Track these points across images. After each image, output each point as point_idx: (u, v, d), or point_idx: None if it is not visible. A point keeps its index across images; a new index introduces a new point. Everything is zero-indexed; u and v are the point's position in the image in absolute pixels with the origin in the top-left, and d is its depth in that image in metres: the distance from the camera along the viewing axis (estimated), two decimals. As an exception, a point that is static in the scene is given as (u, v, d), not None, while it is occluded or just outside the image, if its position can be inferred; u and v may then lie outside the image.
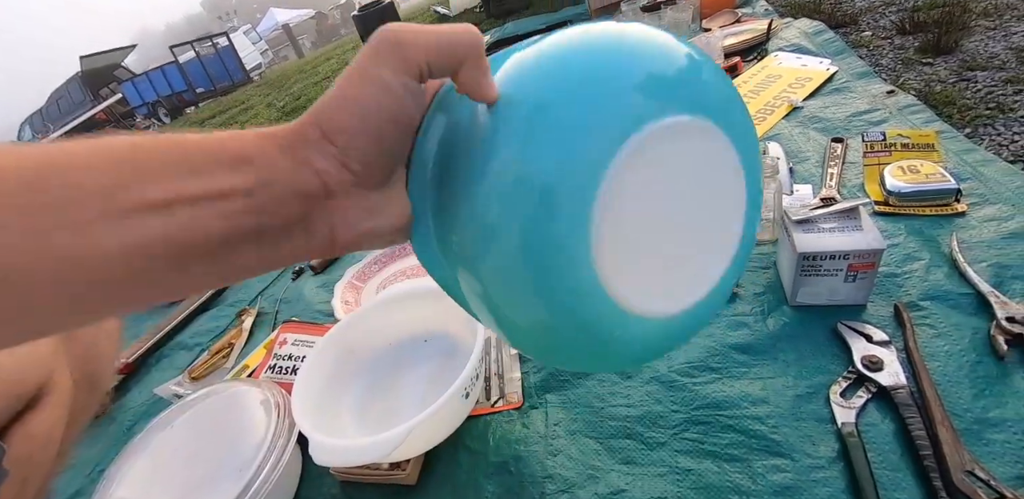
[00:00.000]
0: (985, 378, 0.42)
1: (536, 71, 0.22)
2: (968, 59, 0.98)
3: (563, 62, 0.22)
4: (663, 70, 0.23)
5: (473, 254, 0.23)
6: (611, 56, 0.23)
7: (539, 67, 0.22)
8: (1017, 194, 0.57)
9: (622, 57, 0.23)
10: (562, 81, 0.22)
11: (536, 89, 0.22)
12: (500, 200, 0.21)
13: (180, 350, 0.88)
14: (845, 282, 0.48)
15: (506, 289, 0.23)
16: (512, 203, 0.21)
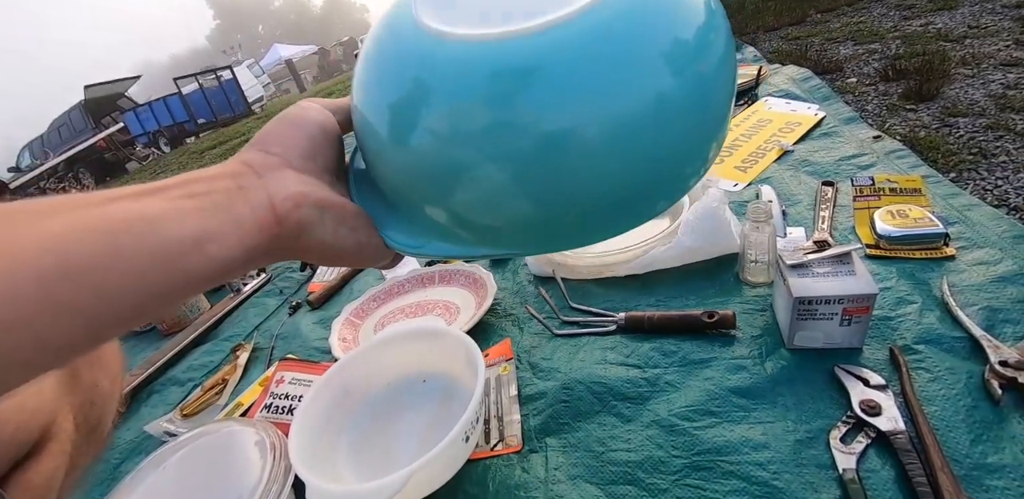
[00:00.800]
0: (982, 423, 0.42)
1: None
2: (949, 106, 1.03)
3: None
4: None
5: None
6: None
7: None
8: (1003, 238, 0.59)
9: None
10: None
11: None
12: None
13: (172, 385, 0.86)
14: (840, 326, 0.49)
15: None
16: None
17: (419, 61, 0.23)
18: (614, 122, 0.21)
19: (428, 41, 0.23)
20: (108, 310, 0.19)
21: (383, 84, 0.25)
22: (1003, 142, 0.86)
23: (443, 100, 0.22)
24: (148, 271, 0.19)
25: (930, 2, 1.72)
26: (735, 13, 2.32)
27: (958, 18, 1.52)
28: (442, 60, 0.22)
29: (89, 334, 0.19)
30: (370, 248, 0.27)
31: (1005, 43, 1.25)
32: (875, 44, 1.51)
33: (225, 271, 0.22)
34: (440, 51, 0.22)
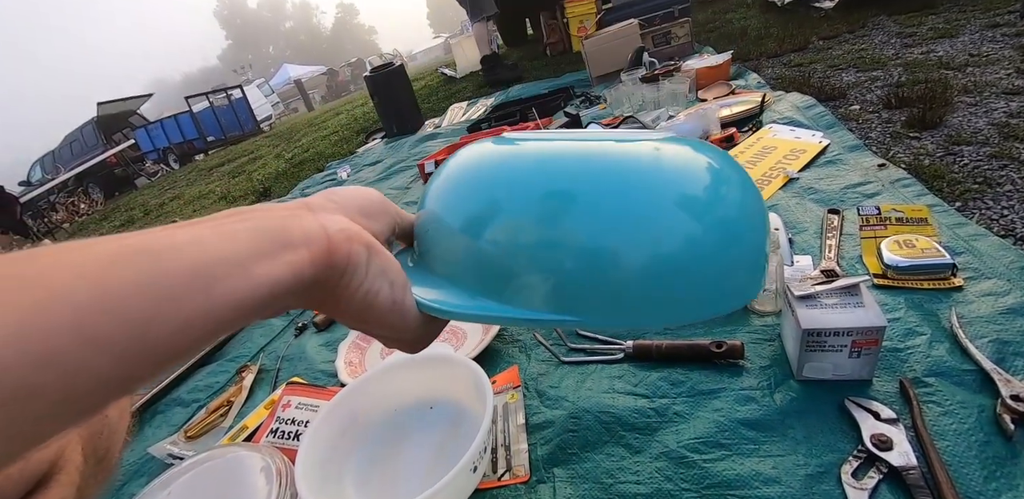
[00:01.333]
0: (995, 459, 0.41)
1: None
2: (953, 134, 1.04)
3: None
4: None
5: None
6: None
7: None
8: (1011, 269, 0.59)
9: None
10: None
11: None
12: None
13: (176, 406, 0.86)
14: (850, 358, 0.49)
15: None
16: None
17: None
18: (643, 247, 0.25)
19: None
20: (143, 345, 0.17)
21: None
22: (1008, 171, 0.87)
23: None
24: (187, 295, 0.18)
25: (931, 30, 1.75)
26: (738, 39, 2.37)
27: (959, 46, 1.54)
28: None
29: (121, 374, 0.17)
30: (402, 309, 0.26)
31: (1007, 71, 1.27)
32: (877, 71, 1.53)
33: (270, 298, 0.20)
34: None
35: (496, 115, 2.02)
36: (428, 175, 1.56)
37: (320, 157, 3.05)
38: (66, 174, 9.82)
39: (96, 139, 10.93)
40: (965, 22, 1.73)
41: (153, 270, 0.17)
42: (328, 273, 0.22)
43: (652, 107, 1.45)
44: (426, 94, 3.62)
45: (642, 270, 0.24)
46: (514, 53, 3.97)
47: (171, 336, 0.18)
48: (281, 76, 23.68)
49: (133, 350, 0.17)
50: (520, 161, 0.29)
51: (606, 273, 0.24)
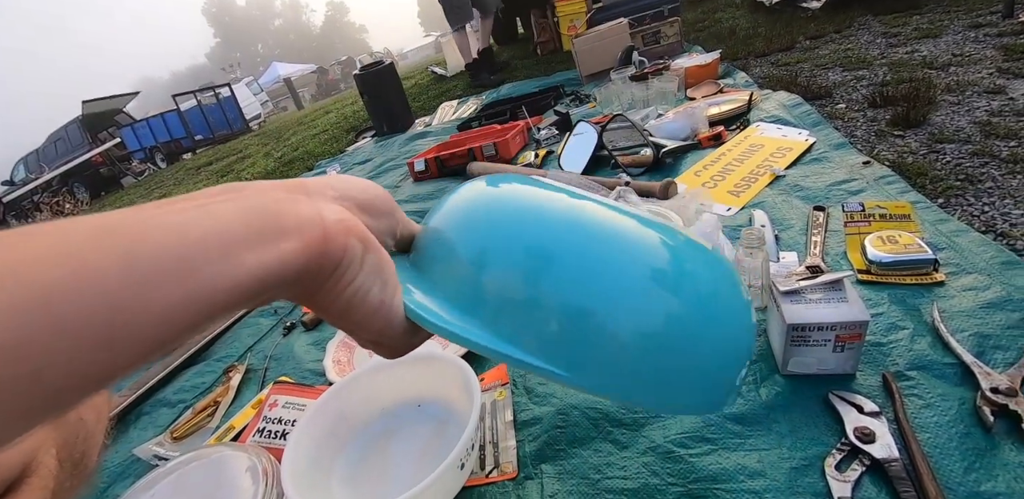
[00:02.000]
0: (975, 450, 0.42)
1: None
2: (936, 132, 1.05)
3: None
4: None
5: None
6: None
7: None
8: (991, 264, 0.60)
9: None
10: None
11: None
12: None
13: (162, 407, 0.85)
14: (834, 352, 0.49)
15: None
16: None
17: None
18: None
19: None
20: (117, 333, 0.16)
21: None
22: (989, 168, 0.88)
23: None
24: (167, 282, 0.16)
25: (915, 30, 1.77)
26: (726, 38, 2.38)
27: (942, 46, 1.57)
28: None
29: (94, 366, 0.16)
30: (388, 312, 0.25)
31: (988, 71, 1.28)
32: (863, 71, 1.55)
33: (258, 288, 0.19)
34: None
35: (486, 114, 2.02)
36: (418, 173, 1.55)
37: (310, 156, 3.03)
38: (50, 173, 9.67)
39: (81, 138, 10.77)
40: (948, 22, 1.76)
41: (130, 253, 0.16)
42: (320, 264, 0.21)
43: (641, 105, 1.45)
44: (416, 93, 3.60)
45: (628, 338, 0.24)
46: (505, 52, 3.96)
47: (148, 326, 0.16)
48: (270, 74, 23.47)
49: (106, 338, 0.15)
50: (507, 213, 0.29)
51: (589, 336, 0.24)
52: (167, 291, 0.16)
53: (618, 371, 0.25)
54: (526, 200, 0.30)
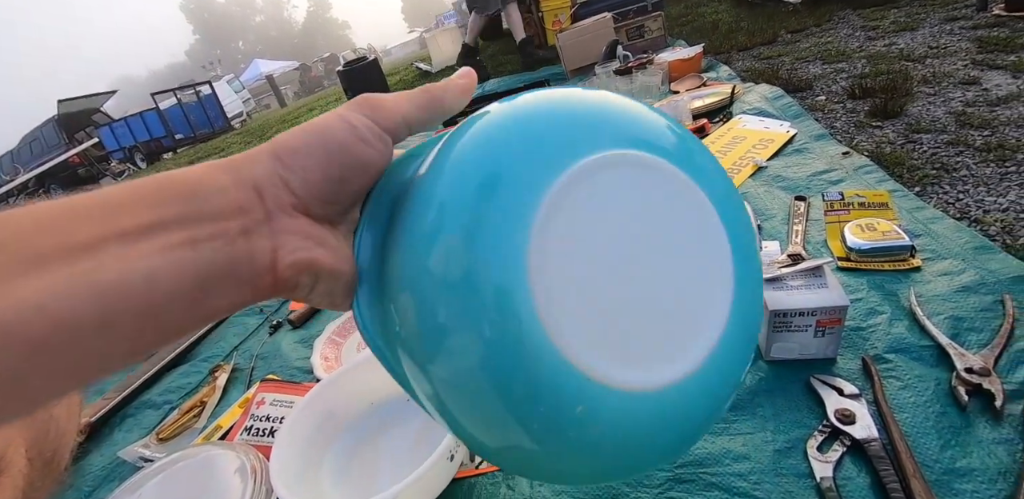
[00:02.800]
0: (950, 428, 0.43)
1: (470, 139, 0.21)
2: (913, 122, 1.07)
3: (500, 130, 0.21)
4: (626, 125, 0.22)
5: (416, 346, 0.20)
6: (553, 119, 0.22)
7: (475, 134, 0.22)
8: (965, 249, 0.62)
9: (569, 117, 0.22)
10: (497, 148, 0.21)
11: (468, 159, 0.21)
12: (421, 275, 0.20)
13: (147, 409, 0.84)
14: (815, 337, 0.50)
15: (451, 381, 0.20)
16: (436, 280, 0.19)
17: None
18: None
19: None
20: (79, 373, 0.17)
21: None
22: (963, 157, 0.90)
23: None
24: (135, 334, 0.17)
25: (893, 23, 1.80)
26: (709, 32, 2.40)
27: (919, 39, 1.59)
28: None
29: (54, 393, 0.17)
30: (337, 307, 0.24)
31: (963, 62, 1.31)
32: (842, 63, 1.57)
33: (205, 323, 0.20)
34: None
35: (472, 109, 2.01)
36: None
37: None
38: (26, 175, 9.46)
39: (57, 138, 10.53)
40: (925, 16, 1.79)
41: (103, 315, 0.16)
42: (266, 297, 0.21)
43: (625, 99, 1.45)
44: (401, 89, 3.56)
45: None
46: (489, 47, 3.95)
47: (108, 359, 0.17)
48: (252, 72, 23.14)
49: (77, 376, 0.16)
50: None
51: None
52: (131, 341, 0.17)
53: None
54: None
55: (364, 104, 0.22)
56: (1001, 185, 0.80)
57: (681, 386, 0.21)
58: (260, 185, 0.20)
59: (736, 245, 0.23)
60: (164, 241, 0.17)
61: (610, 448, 0.21)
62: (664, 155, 0.22)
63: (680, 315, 0.22)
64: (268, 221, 0.20)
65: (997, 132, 0.95)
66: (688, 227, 0.22)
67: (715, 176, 0.24)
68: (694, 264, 0.22)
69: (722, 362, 0.22)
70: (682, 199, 0.22)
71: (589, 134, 0.21)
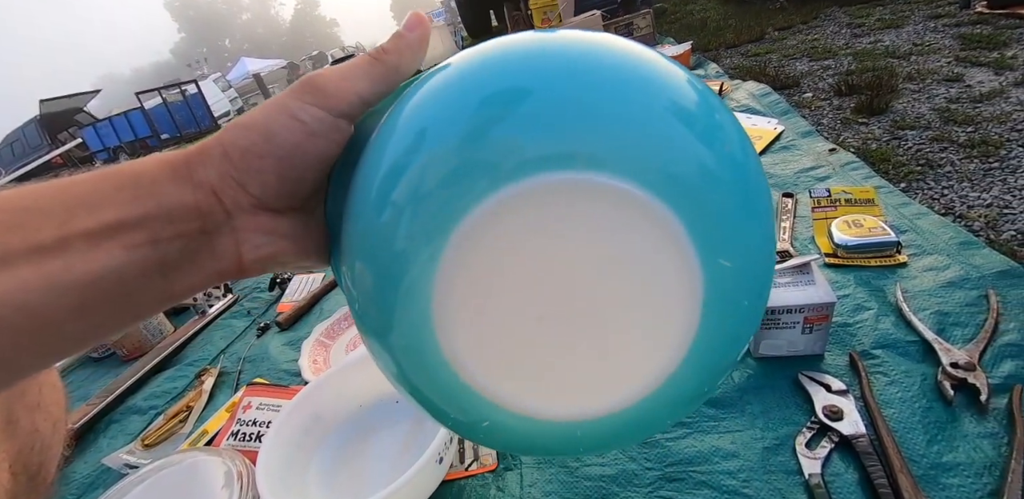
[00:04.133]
0: (936, 423, 0.44)
1: (420, 98, 0.20)
2: (898, 119, 1.08)
3: (452, 86, 0.19)
4: (591, 103, 0.17)
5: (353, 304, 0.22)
6: (519, 76, 0.18)
7: (426, 92, 0.20)
8: (950, 245, 0.62)
9: (538, 79, 0.18)
10: (437, 111, 0.19)
11: (410, 123, 0.19)
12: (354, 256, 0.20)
13: (132, 414, 0.82)
14: (802, 334, 0.51)
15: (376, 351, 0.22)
16: (364, 264, 0.20)
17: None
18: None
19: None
20: (48, 353, 0.18)
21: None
22: (947, 153, 0.91)
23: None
24: (106, 321, 0.18)
25: (878, 21, 1.82)
26: (698, 30, 2.41)
27: (904, 36, 1.61)
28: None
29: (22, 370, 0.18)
30: (313, 270, 0.25)
31: (947, 59, 1.32)
32: (829, 60, 1.58)
33: (181, 298, 0.21)
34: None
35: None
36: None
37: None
38: (7, 177, 9.30)
39: (40, 139, 10.36)
40: (910, 13, 1.80)
41: (80, 308, 0.18)
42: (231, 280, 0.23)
43: (614, 97, 1.45)
44: (389, 88, 3.55)
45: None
46: (477, 45, 3.93)
47: (78, 343, 0.19)
48: (239, 70, 22.87)
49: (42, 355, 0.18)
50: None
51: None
52: (101, 327, 0.19)
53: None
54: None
55: (309, 89, 0.20)
56: (984, 181, 0.81)
57: (601, 421, 0.21)
58: (217, 188, 0.20)
59: (715, 290, 0.19)
60: (128, 240, 0.18)
61: (527, 450, 0.23)
62: (652, 185, 0.17)
63: (616, 356, 0.20)
64: (229, 220, 0.20)
65: (980, 128, 0.96)
66: (648, 271, 0.19)
67: (722, 204, 0.19)
68: (644, 308, 0.19)
69: (661, 403, 0.21)
70: (649, 241, 0.18)
71: (559, 134, 0.17)
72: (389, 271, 0.19)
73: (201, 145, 0.20)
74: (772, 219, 0.22)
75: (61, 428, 0.43)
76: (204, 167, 0.20)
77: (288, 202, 0.21)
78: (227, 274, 0.21)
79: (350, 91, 0.21)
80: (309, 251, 0.23)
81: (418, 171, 0.18)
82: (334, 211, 0.22)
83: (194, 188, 0.19)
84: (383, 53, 0.22)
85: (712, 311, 0.19)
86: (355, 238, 0.20)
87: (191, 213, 0.19)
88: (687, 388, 0.21)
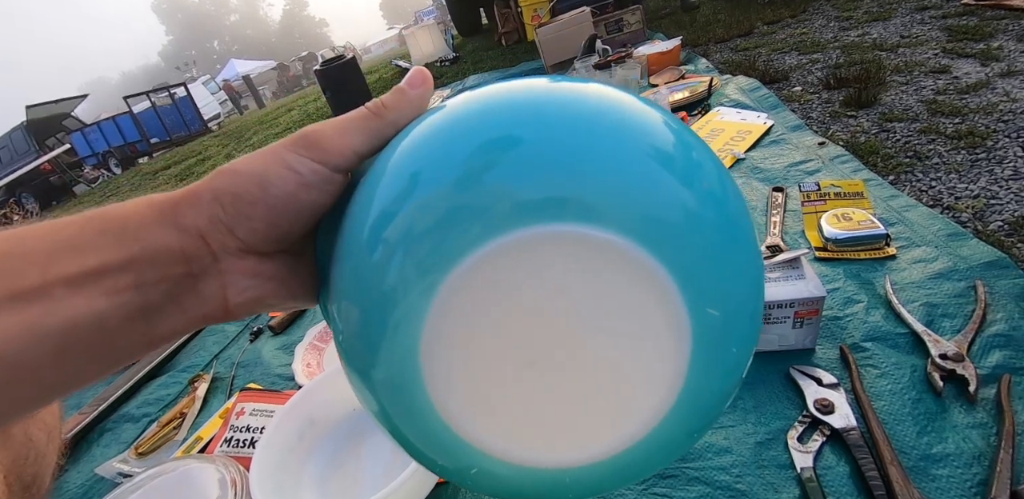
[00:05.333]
0: (926, 415, 0.44)
1: (413, 145, 0.20)
2: (887, 111, 1.08)
3: (444, 133, 0.20)
4: (581, 156, 0.18)
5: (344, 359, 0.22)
6: (510, 127, 0.19)
7: (419, 139, 0.20)
8: (939, 237, 0.63)
9: (530, 130, 0.18)
10: (425, 163, 0.19)
11: (398, 174, 0.19)
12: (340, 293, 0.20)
13: (125, 422, 0.82)
14: (793, 328, 0.51)
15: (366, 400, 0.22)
16: (347, 307, 0.20)
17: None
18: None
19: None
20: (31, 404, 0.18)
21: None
22: (935, 145, 0.92)
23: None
24: (86, 367, 0.18)
25: (866, 14, 1.82)
26: (687, 25, 2.41)
27: (891, 29, 1.61)
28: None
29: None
30: (302, 307, 0.24)
31: (934, 51, 1.33)
32: (817, 54, 1.58)
33: (164, 343, 0.20)
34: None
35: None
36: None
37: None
38: (-3, 184, 9.20)
39: (27, 145, 10.24)
40: (897, 6, 1.81)
41: (58, 357, 0.17)
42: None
43: (603, 94, 1.45)
44: (381, 87, 3.55)
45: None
46: (469, 43, 3.92)
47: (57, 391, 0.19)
48: (228, 72, 22.71)
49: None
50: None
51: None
52: (82, 375, 0.19)
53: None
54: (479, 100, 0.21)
55: (306, 143, 0.21)
56: (972, 172, 0.81)
57: (589, 468, 0.21)
58: (204, 232, 0.20)
59: (703, 339, 0.19)
60: (110, 285, 0.18)
61: (510, 495, 0.23)
62: (638, 234, 0.18)
63: (604, 405, 0.20)
64: (215, 263, 0.20)
65: (967, 120, 0.96)
66: (636, 321, 0.19)
67: (710, 249, 0.19)
68: (632, 357, 0.19)
69: (650, 450, 0.21)
70: (637, 292, 0.18)
71: (549, 181, 0.18)
72: (378, 309, 0.19)
73: (190, 189, 0.20)
74: (759, 258, 0.22)
75: (55, 437, 0.43)
76: (193, 210, 0.20)
77: (275, 246, 0.21)
78: (212, 317, 0.21)
79: (347, 146, 0.21)
80: (296, 292, 0.22)
81: (413, 211, 0.18)
82: (324, 251, 0.22)
83: (180, 232, 0.19)
84: (383, 108, 0.22)
85: (700, 359, 0.19)
86: (345, 276, 0.20)
87: (176, 257, 0.19)
88: (675, 434, 0.21)
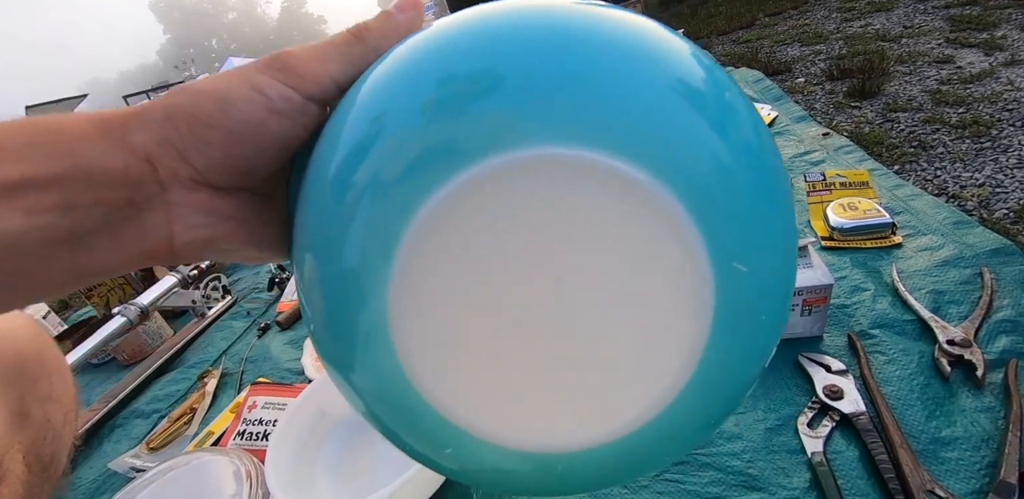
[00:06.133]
0: (935, 399, 0.44)
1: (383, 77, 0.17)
2: (891, 101, 1.08)
3: (416, 64, 0.17)
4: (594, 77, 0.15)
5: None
6: (505, 47, 0.16)
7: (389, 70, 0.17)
8: (944, 225, 0.63)
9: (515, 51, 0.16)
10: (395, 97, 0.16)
11: (368, 104, 0.17)
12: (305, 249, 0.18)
13: (136, 419, 0.82)
14: (801, 316, 0.51)
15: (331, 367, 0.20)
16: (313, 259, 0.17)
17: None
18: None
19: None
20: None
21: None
22: (940, 134, 0.92)
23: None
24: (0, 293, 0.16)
25: (868, 4, 1.82)
26: (689, 18, 2.40)
27: (894, 19, 1.61)
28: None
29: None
30: (267, 262, 0.22)
31: (937, 41, 1.33)
32: (820, 45, 1.58)
33: (97, 279, 0.18)
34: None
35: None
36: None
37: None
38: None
39: (29, 146, 10.26)
40: (898, -5, 1.80)
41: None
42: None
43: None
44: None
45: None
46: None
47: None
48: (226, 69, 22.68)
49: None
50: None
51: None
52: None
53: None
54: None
55: (279, 65, 0.18)
56: (977, 161, 0.81)
57: (584, 454, 0.18)
58: (153, 155, 0.17)
59: (728, 300, 0.16)
60: (31, 202, 0.15)
61: (498, 486, 0.20)
62: (656, 168, 0.14)
63: (607, 377, 0.17)
64: (162, 193, 0.17)
65: (972, 109, 0.96)
66: (648, 274, 0.16)
67: (732, 186, 0.16)
68: (642, 320, 0.16)
69: (659, 435, 0.18)
70: (650, 236, 0.15)
71: (551, 108, 0.14)
72: (343, 256, 0.16)
73: (142, 106, 0.18)
74: (793, 214, 0.18)
75: (72, 418, 0.43)
76: (141, 130, 0.17)
77: (236, 181, 0.19)
78: (155, 255, 0.18)
79: (324, 73, 0.18)
80: (260, 239, 0.20)
81: (387, 145, 0.15)
82: (294, 195, 0.19)
83: (125, 151, 0.17)
84: (365, 31, 0.19)
85: (723, 326, 0.16)
86: (308, 224, 0.18)
87: (117, 179, 0.16)
88: (690, 418, 0.18)
